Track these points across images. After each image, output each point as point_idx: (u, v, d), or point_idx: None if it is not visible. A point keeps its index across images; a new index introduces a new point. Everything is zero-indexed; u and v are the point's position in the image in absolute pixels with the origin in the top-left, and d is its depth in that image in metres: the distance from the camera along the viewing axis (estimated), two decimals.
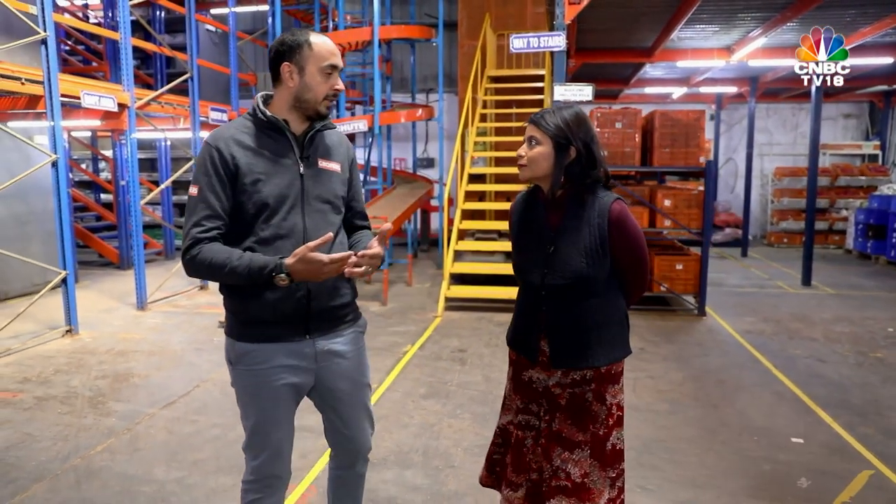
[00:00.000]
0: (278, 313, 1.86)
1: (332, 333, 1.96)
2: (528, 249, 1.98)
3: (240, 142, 1.86)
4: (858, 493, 3.05)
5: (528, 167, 1.92)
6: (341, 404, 2.02)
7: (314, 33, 1.90)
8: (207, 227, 1.82)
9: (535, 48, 5.43)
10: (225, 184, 1.84)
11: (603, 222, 1.85)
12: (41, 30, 5.49)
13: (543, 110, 1.93)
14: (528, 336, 2.00)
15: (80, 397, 4.40)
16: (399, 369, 4.95)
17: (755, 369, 4.97)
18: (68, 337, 5.93)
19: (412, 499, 3.00)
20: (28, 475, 3.27)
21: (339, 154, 2.00)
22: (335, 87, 1.87)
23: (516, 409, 2.06)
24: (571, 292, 1.90)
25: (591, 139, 1.90)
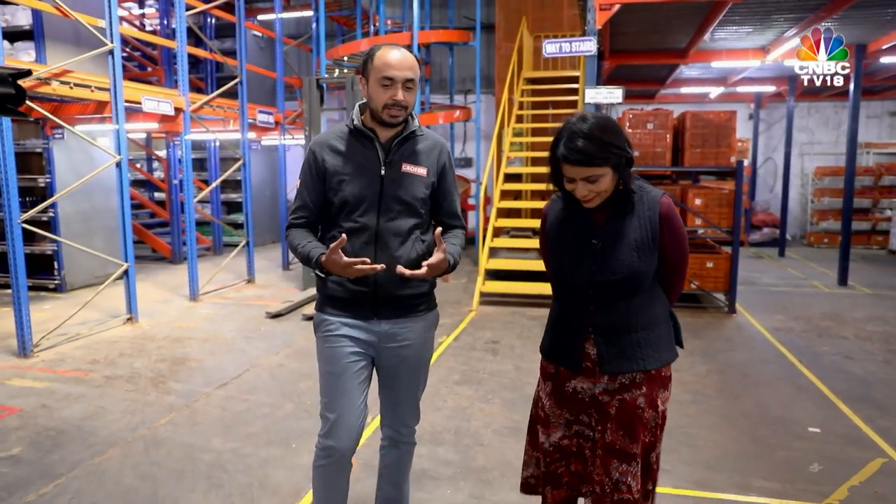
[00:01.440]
0: (350, 293, 2.11)
1: (399, 319, 2.16)
2: (570, 248, 1.88)
3: (333, 147, 2.14)
4: (868, 478, 3.20)
5: (598, 197, 1.80)
6: (397, 384, 2.23)
7: (386, 47, 2.06)
8: (299, 214, 2.19)
9: (567, 53, 5.64)
10: (316, 181, 2.14)
11: (654, 215, 1.81)
12: (108, 41, 5.95)
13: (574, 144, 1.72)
14: (572, 341, 1.90)
15: (143, 377, 4.82)
16: (434, 358, 5.24)
17: (780, 364, 5.09)
18: (129, 324, 6.40)
19: (443, 471, 3.28)
20: (103, 441, 3.67)
21: (427, 159, 2.15)
22: (393, 97, 2.01)
23: (566, 423, 1.95)
24: (621, 290, 1.82)
25: (626, 140, 1.79)
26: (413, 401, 2.30)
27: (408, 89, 2.04)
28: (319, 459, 2.20)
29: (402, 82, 2.00)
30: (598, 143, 1.71)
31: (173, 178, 10.38)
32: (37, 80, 5.55)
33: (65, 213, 8.01)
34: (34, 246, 8.06)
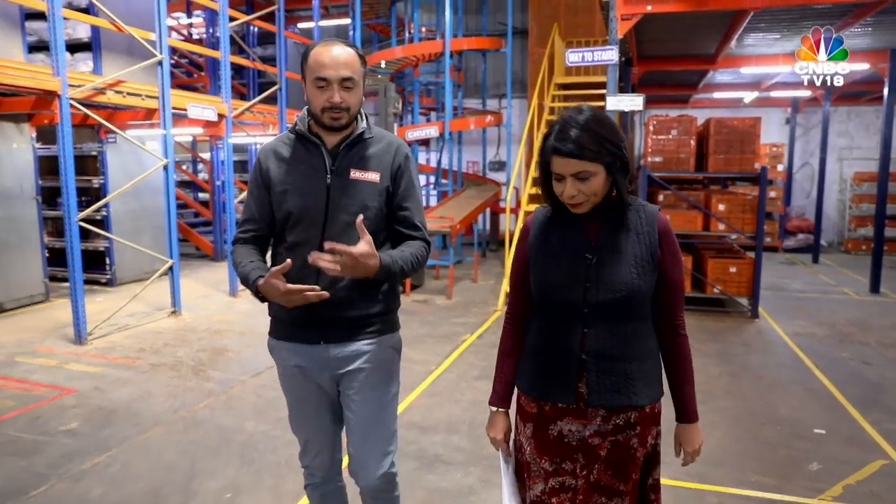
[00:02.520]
0: (291, 315, 1.91)
1: (347, 343, 1.94)
2: (560, 264, 1.68)
3: (278, 154, 1.96)
4: (866, 478, 3.31)
5: (588, 202, 1.62)
6: (353, 415, 2.00)
7: (321, 44, 1.85)
8: (245, 228, 2.01)
9: (589, 62, 5.82)
10: (262, 191, 1.97)
11: (653, 231, 1.66)
12: (158, 53, 6.38)
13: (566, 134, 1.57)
14: (563, 370, 1.68)
15: (185, 365, 5.19)
16: (456, 355, 5.48)
17: (795, 368, 5.17)
18: (173, 317, 6.82)
19: (455, 457, 3.52)
20: (148, 421, 4.03)
21: (380, 163, 1.93)
22: (329, 99, 1.82)
23: (545, 474, 1.73)
24: (618, 311, 1.64)
25: (622, 140, 1.64)
26: (368, 440, 1.99)
27: (346, 89, 1.83)
28: (305, 479, 2.17)
29: (337, 82, 1.80)
30: (594, 135, 1.55)
31: (216, 179, 10.88)
32: (94, 89, 5.99)
33: (116, 212, 8.52)
34: (88, 243, 8.60)
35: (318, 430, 2.05)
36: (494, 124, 11.13)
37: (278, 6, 8.54)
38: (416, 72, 10.72)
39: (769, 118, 13.26)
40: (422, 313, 7.05)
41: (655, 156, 6.91)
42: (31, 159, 7.34)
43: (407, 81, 10.95)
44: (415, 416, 4.09)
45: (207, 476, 3.30)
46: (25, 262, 7.32)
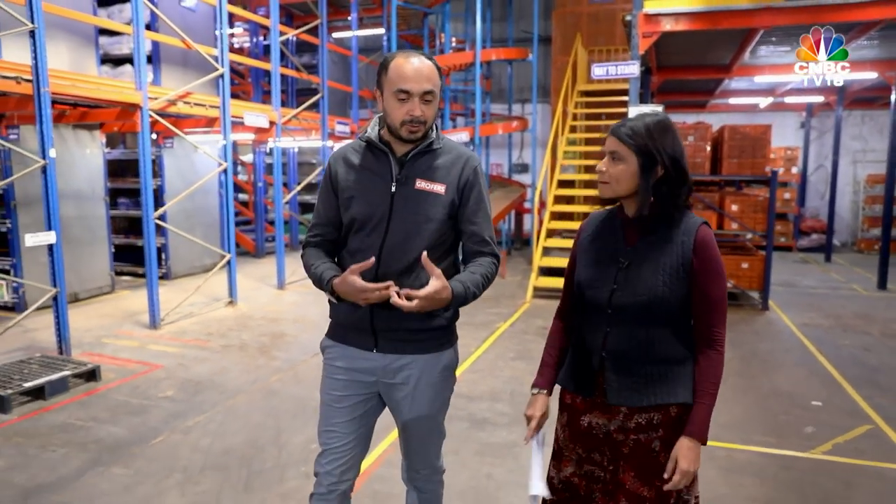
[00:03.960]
0: (350, 320, 1.95)
1: (399, 354, 1.95)
2: (596, 265, 1.79)
3: (347, 160, 1.98)
4: (853, 438, 3.87)
5: (609, 185, 1.73)
6: (403, 426, 2.05)
7: (402, 55, 1.85)
8: (315, 232, 2.06)
9: (613, 75, 6.40)
10: (330, 196, 2.00)
11: (688, 240, 1.68)
12: (219, 67, 7.08)
13: (626, 119, 1.73)
14: (585, 365, 1.81)
15: (251, 347, 5.86)
16: (493, 339, 6.10)
17: (800, 353, 5.70)
18: (230, 307, 7.50)
19: (500, 420, 4.13)
20: (231, 390, 4.69)
21: (447, 175, 1.92)
22: (410, 112, 1.82)
23: (578, 459, 1.86)
24: (640, 315, 1.70)
25: (679, 153, 1.69)
26: (422, 448, 2.08)
27: (426, 102, 1.83)
28: (313, 488, 2.06)
29: (419, 95, 1.81)
30: (644, 129, 1.67)
31: (258, 181, 11.60)
32: (168, 101, 6.70)
33: (171, 211, 9.19)
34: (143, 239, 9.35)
35: (341, 440, 1.99)
36: (520, 129, 11.73)
37: (321, 20, 9.21)
38: (447, 80, 11.37)
39: (784, 122, 13.72)
40: None
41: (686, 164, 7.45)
42: (101, 163, 8.08)
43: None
44: (462, 389, 4.71)
45: (292, 433, 3.94)
46: (95, 256, 8.04)
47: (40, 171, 5.16)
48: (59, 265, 5.31)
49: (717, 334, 1.70)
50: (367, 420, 2.03)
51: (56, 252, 5.28)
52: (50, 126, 5.12)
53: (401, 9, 10.84)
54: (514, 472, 3.41)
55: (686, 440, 1.64)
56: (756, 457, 3.62)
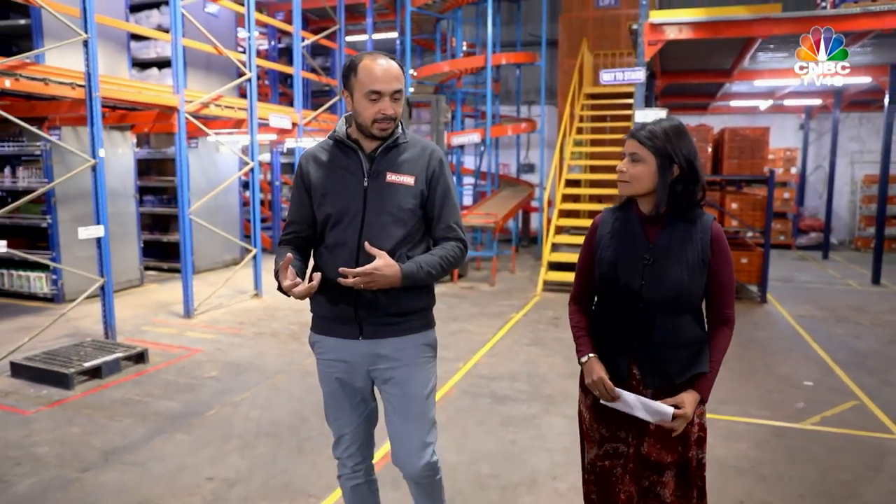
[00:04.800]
0: (332, 310, 2.06)
1: (383, 338, 2.05)
2: (621, 262, 1.91)
3: (318, 159, 2.07)
4: (839, 412, 4.28)
5: (629, 184, 1.88)
6: (390, 408, 2.13)
7: (369, 56, 1.95)
8: (289, 230, 2.15)
9: (620, 81, 6.81)
10: (303, 194, 2.09)
11: (706, 237, 1.86)
12: (248, 71, 7.49)
13: (646, 125, 1.86)
14: (616, 356, 1.94)
15: (282, 334, 6.27)
16: (507, 328, 6.51)
17: (795, 341, 6.11)
18: (256, 299, 7.92)
19: (520, 396, 4.54)
20: (270, 371, 5.11)
21: (415, 167, 2.03)
22: (382, 111, 1.93)
23: (600, 439, 2.00)
24: (668, 307, 1.87)
25: (693, 155, 1.85)
26: (409, 437, 2.11)
27: (395, 100, 1.96)
28: (338, 470, 2.25)
29: (389, 94, 1.94)
30: (663, 132, 1.82)
31: (275, 180, 12.01)
32: (201, 104, 7.12)
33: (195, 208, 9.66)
34: (170, 235, 9.78)
35: (351, 424, 2.15)
36: (529, 131, 12.14)
37: (339, 25, 9.63)
38: (458, 83, 11.80)
39: (784, 124, 14.13)
40: (470, 297, 8.08)
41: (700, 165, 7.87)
42: (131, 162, 8.50)
43: (449, 92, 12.00)
44: (483, 371, 5.12)
45: None
46: (126, 251, 8.46)
47: (90, 169, 5.59)
48: (107, 257, 5.73)
49: (729, 314, 1.93)
50: (369, 403, 2.18)
51: (104, 244, 5.70)
52: (100, 128, 5.54)
53: (414, 14, 11.26)
54: (535, 438, 3.82)
55: (693, 393, 1.87)
56: (752, 427, 4.03)
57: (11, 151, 7.41)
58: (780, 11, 6.42)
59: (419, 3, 10.81)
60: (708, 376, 1.89)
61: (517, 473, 3.38)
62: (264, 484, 3.27)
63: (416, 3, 10.82)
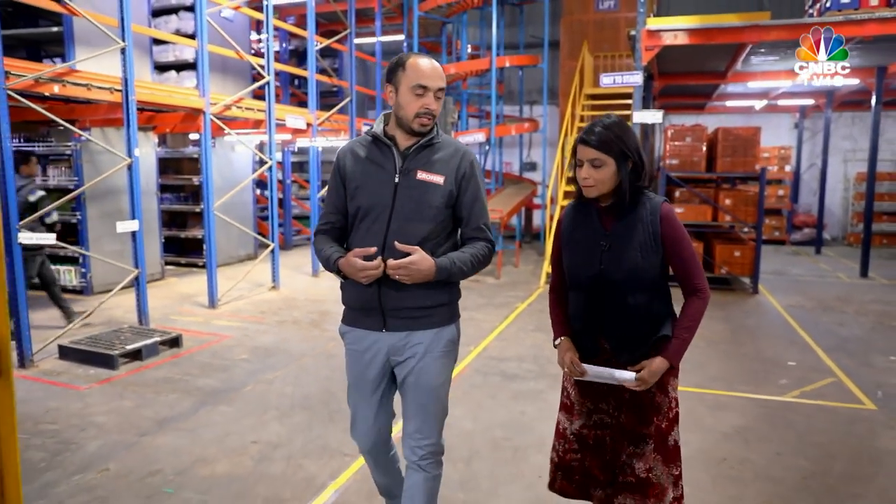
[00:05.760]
0: (359, 303, 2.16)
1: (406, 331, 2.15)
2: (582, 250, 2.07)
3: (355, 153, 2.17)
4: (817, 387, 4.71)
5: (595, 187, 1.99)
6: (406, 398, 2.23)
7: (416, 55, 2.07)
8: (325, 220, 2.26)
9: (619, 84, 7.22)
10: (339, 186, 2.19)
11: (655, 219, 1.98)
12: (266, 75, 7.91)
13: (592, 129, 1.98)
14: (586, 336, 2.10)
15: (303, 322, 6.70)
16: (513, 316, 6.94)
17: (783, 328, 6.54)
18: (274, 291, 8.34)
19: (527, 374, 4.97)
20: (296, 354, 5.53)
21: (446, 167, 2.11)
22: (426, 105, 2.03)
23: (588, 412, 2.16)
24: (626, 286, 1.99)
25: (639, 145, 2.00)
26: (424, 421, 2.21)
27: (437, 98, 2.05)
28: (359, 447, 2.37)
29: (434, 91, 2.04)
30: (612, 134, 1.95)
31: (286, 178, 12.44)
32: (224, 106, 7.54)
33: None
34: (188, 231, 10.20)
35: (368, 410, 2.26)
36: (531, 130, 12.56)
37: (350, 30, 10.03)
38: (464, 84, 12.22)
39: (779, 123, 14.55)
40: (477, 289, 8.51)
41: (672, 159, 8.30)
42: (153, 161, 8.92)
43: (455, 93, 12.42)
44: (493, 353, 5.55)
45: None
46: (148, 246, 8.76)
47: (126, 168, 6.01)
48: (141, 249, 6.17)
49: (698, 284, 2.04)
50: (388, 393, 2.29)
51: (139, 238, 6.12)
52: (135, 129, 5.96)
53: (421, 18, 11.68)
54: (543, 410, 4.25)
55: (659, 359, 1.97)
56: (737, 400, 4.46)
57: (42, 151, 7.82)
58: (769, 19, 6.84)
59: (426, 7, 11.23)
60: (674, 342, 1.99)
61: (527, 437, 3.81)
62: (303, 446, 3.70)
63: (423, 7, 11.24)
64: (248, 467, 3.43)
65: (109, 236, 7.78)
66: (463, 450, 3.61)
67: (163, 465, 3.44)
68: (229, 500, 3.09)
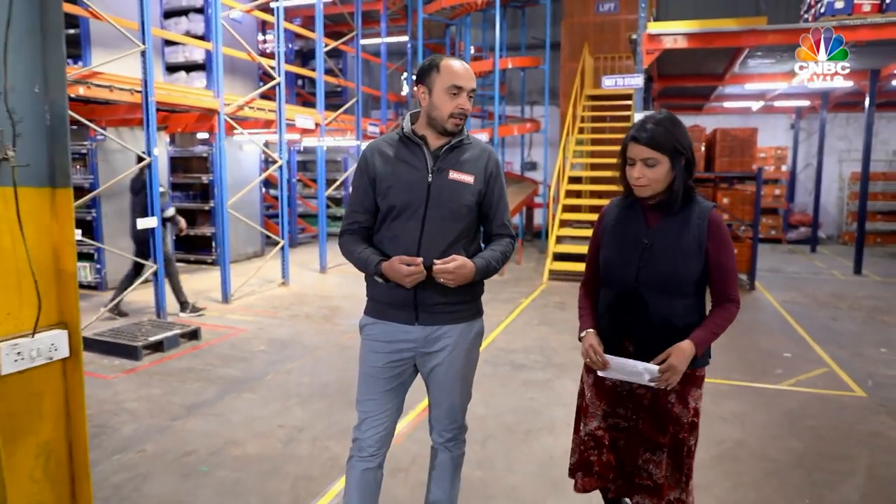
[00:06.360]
0: (391, 296, 2.16)
1: (439, 326, 2.18)
2: (621, 246, 2.01)
3: (383, 152, 2.17)
4: (811, 377, 4.95)
5: (649, 186, 1.93)
6: (436, 389, 2.27)
7: (449, 57, 2.11)
8: (352, 220, 2.23)
9: (621, 86, 7.46)
10: (367, 186, 2.18)
11: (703, 224, 1.92)
12: (277, 76, 8.12)
13: (644, 126, 1.91)
14: (612, 336, 2.04)
15: (315, 316, 6.92)
16: (519, 311, 7.17)
17: (779, 322, 6.78)
18: (284, 287, 8.56)
19: (535, 364, 5.20)
20: (310, 346, 5.75)
21: (475, 167, 2.15)
22: (460, 106, 2.06)
23: (603, 414, 2.11)
24: (664, 290, 1.93)
25: (691, 141, 1.94)
26: (452, 407, 2.29)
27: (470, 98, 2.10)
28: (351, 452, 2.30)
29: (468, 91, 2.08)
30: (666, 131, 1.88)
31: (291, 177, 12.66)
32: (237, 106, 7.76)
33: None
34: (196, 229, 10.40)
35: (382, 407, 2.23)
36: (533, 131, 12.80)
37: (357, 32, 10.26)
38: None
39: (776, 124, 14.81)
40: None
41: None
42: (165, 160, 9.13)
43: None
44: (500, 345, 5.78)
45: None
46: None
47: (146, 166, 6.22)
48: (159, 245, 6.37)
49: (733, 295, 2.01)
50: (403, 389, 2.28)
51: (157, 234, 6.33)
52: (154, 129, 6.18)
53: (425, 20, 11.90)
54: (551, 397, 4.48)
55: (686, 343, 1.89)
56: (735, 388, 4.69)
57: None
58: (766, 24, 7.07)
59: (431, 9, 11.45)
60: (702, 332, 1.93)
61: (538, 421, 4.04)
62: (327, 429, 3.92)
63: (427, 9, 11.46)
64: (277, 448, 3.65)
65: (123, 233, 7.98)
66: (478, 433, 3.84)
67: (196, 447, 3.66)
68: (262, 477, 3.32)
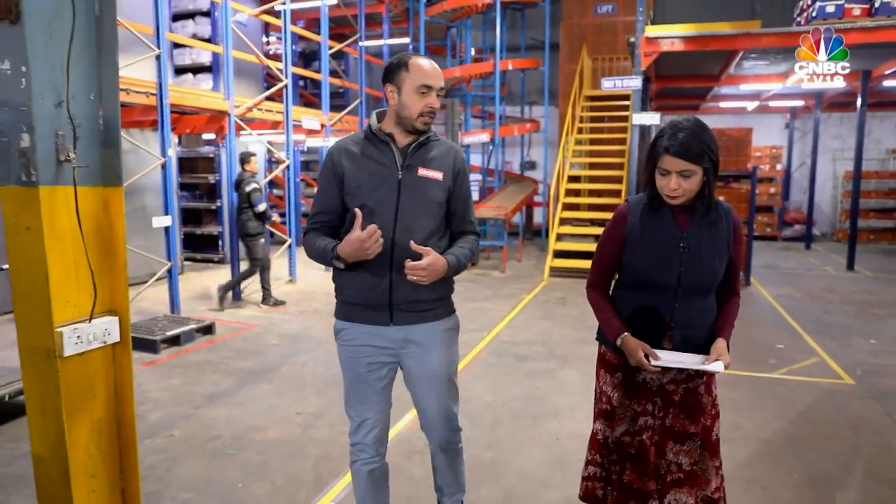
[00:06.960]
0: (363, 298, 2.12)
1: (413, 324, 2.15)
2: (657, 251, 2.00)
3: (349, 151, 2.13)
4: (803, 366, 5.17)
5: (683, 196, 1.93)
6: (418, 389, 2.25)
7: (417, 56, 2.07)
8: (317, 220, 2.19)
9: (619, 87, 7.68)
10: (334, 186, 2.14)
11: (729, 224, 2.00)
12: (284, 78, 8.33)
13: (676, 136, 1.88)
14: (652, 335, 2.04)
15: (323, 312, 7.12)
16: (521, 306, 7.39)
17: (773, 315, 7.01)
18: (291, 284, 8.76)
19: (538, 356, 5.42)
20: (321, 340, 5.96)
21: (443, 164, 2.16)
22: (430, 105, 2.05)
23: (632, 416, 2.11)
24: (702, 290, 2.00)
25: (718, 146, 1.94)
26: (439, 409, 2.27)
27: (439, 97, 2.09)
28: (353, 456, 2.29)
29: (437, 90, 2.07)
30: (699, 140, 1.87)
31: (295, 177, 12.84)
32: (246, 108, 7.96)
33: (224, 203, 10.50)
34: (203, 227, 10.61)
35: (375, 408, 2.23)
36: (533, 131, 13.02)
37: (360, 34, 10.46)
38: (468, 86, 12.67)
39: (771, 123, 15.05)
40: (484, 282, 8.96)
41: None
42: (175, 161, 9.32)
43: (459, 94, 12.87)
44: (505, 338, 6.00)
45: None
46: None
47: (160, 166, 6.43)
48: (173, 244, 6.58)
49: (737, 289, 2.17)
50: (390, 387, 2.28)
51: (171, 232, 6.54)
52: (169, 130, 6.38)
53: (427, 22, 12.11)
54: (555, 385, 4.69)
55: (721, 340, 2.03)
56: (730, 376, 4.92)
57: None
58: (759, 27, 7.30)
59: (432, 12, 11.67)
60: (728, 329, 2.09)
61: (543, 408, 4.26)
62: (343, 415, 4.06)
63: (429, 12, 11.68)
64: (297, 433, 3.86)
65: (134, 232, 8.17)
66: (486, 418, 4.05)
67: (221, 432, 3.87)
68: (285, 458, 3.53)
